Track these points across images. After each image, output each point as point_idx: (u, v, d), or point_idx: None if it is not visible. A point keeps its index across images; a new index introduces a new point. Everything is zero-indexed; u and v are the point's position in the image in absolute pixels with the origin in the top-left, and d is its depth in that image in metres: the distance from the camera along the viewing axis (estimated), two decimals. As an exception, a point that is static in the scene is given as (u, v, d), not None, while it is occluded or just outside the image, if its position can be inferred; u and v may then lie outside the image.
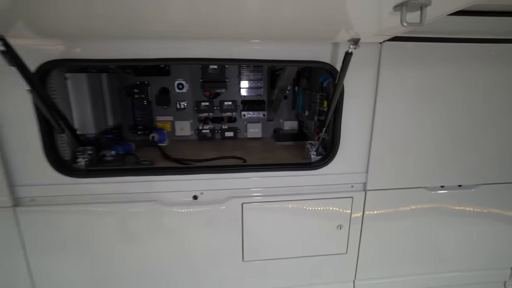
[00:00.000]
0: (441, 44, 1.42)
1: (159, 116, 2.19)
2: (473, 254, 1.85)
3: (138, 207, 1.48)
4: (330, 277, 1.78)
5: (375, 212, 1.67)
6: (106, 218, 1.48)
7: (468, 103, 1.55)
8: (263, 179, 1.55)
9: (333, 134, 1.54)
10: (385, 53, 1.42)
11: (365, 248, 1.73)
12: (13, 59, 1.07)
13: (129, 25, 1.09)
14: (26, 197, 1.42)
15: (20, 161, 1.37)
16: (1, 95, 1.27)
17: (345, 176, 1.59)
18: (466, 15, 1.28)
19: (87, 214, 1.46)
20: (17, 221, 1.42)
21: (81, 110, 1.60)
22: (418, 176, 1.64)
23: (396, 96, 1.49)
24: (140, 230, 1.52)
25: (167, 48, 1.31)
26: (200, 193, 1.52)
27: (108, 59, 1.30)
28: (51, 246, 1.48)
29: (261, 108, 2.24)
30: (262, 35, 1.29)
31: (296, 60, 1.41)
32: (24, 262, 1.47)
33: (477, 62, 1.49)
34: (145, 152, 1.89)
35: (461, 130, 1.59)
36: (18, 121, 1.31)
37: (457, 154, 1.63)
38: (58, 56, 1.26)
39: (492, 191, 1.73)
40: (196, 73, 2.10)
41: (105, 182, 1.45)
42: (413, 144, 1.58)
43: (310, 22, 1.09)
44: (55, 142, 1.42)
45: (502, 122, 1.61)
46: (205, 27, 1.13)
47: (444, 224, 1.75)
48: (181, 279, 1.63)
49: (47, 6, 0.90)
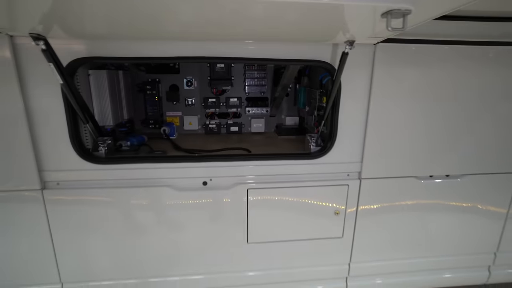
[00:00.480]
0: (429, 45, 1.58)
1: (169, 111, 2.34)
2: (459, 240, 2.00)
3: (153, 192, 1.63)
4: (327, 260, 1.93)
5: (369, 199, 1.82)
6: (123, 201, 1.63)
7: (455, 99, 1.70)
8: (267, 167, 1.70)
9: (331, 127, 1.69)
10: (378, 54, 1.57)
11: (359, 232, 1.87)
12: (51, 56, 1.22)
13: (146, 27, 1.23)
14: (53, 181, 1.57)
15: (48, 148, 1.52)
16: (35, 90, 1.42)
17: (342, 165, 1.75)
18: (450, 20, 1.44)
19: (107, 197, 1.61)
20: (44, 203, 1.57)
21: (101, 104, 1.75)
22: (408, 166, 1.79)
23: (389, 93, 1.64)
24: (154, 212, 1.67)
25: (179, 47, 1.46)
26: (209, 179, 1.67)
27: (127, 57, 1.45)
28: (73, 226, 1.63)
29: (264, 104, 2.39)
30: (267, 36, 1.43)
31: (298, 59, 1.56)
32: (50, 239, 1.62)
33: (464, 62, 1.64)
34: (156, 144, 2.04)
35: (449, 123, 1.74)
36: (48, 113, 1.46)
37: (445, 146, 1.78)
38: (85, 54, 1.41)
39: (478, 181, 1.88)
40: (204, 71, 2.25)
41: (123, 169, 1.60)
42: (404, 137, 1.73)
43: (311, 26, 1.24)
44: (80, 132, 1.57)
45: (488, 117, 1.76)
46: (213, 29, 1.26)
47: (432, 211, 1.90)
48: (190, 257, 1.78)
49: (76, 12, 1.04)
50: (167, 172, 1.63)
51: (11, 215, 1.57)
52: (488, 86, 1.70)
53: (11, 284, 1.69)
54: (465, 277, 2.11)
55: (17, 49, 1.36)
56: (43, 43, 1.17)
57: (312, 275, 1.94)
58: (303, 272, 1.92)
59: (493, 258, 2.08)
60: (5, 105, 1.39)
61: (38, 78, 1.41)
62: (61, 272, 1.70)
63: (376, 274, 2.02)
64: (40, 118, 1.47)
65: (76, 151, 1.52)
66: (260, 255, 1.84)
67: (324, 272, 1.95)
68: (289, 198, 1.74)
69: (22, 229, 1.59)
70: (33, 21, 1.10)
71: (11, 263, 1.65)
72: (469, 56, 1.63)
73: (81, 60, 1.40)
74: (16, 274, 1.68)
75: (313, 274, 1.94)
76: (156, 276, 1.79)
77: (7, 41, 1.32)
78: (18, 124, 1.43)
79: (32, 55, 1.37)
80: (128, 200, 1.63)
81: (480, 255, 2.06)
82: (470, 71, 1.66)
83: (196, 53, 1.48)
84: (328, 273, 1.96)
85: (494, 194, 1.93)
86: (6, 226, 1.58)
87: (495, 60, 1.65)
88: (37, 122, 1.47)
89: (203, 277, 1.83)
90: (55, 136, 1.50)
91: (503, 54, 1.64)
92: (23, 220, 1.58)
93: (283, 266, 1.88)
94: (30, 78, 1.40)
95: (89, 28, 1.25)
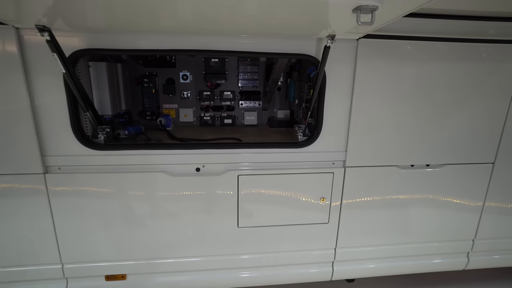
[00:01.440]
0: (406, 41, 1.69)
1: (165, 103, 2.44)
2: (438, 227, 2.11)
3: (148, 177, 1.74)
4: (314, 245, 2.03)
5: (354, 187, 1.93)
6: (121, 185, 1.73)
7: (434, 92, 1.80)
8: (257, 155, 1.80)
9: (316, 118, 1.80)
10: (361, 48, 1.68)
11: (344, 219, 1.98)
12: (55, 47, 1.32)
13: (144, 21, 1.33)
14: (54, 165, 1.67)
15: (50, 134, 1.62)
16: (39, 80, 1.52)
17: (327, 154, 1.85)
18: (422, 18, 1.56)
19: (105, 181, 1.71)
20: (46, 187, 1.67)
21: (100, 94, 1.86)
22: (390, 156, 1.90)
23: (371, 85, 1.75)
24: (150, 196, 1.77)
25: (174, 41, 1.56)
26: (202, 166, 1.77)
27: (125, 49, 1.55)
28: (73, 209, 1.73)
29: (257, 98, 2.50)
30: (257, 31, 1.54)
31: (286, 53, 1.66)
32: (51, 221, 1.72)
33: (439, 57, 1.75)
34: (153, 134, 2.14)
35: (429, 115, 1.85)
36: (51, 101, 1.56)
37: (425, 137, 1.89)
38: (86, 46, 1.51)
39: (456, 171, 1.99)
40: (199, 65, 2.36)
41: (121, 155, 1.70)
42: (387, 127, 1.84)
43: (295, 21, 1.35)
44: (80, 119, 1.67)
45: (465, 109, 1.87)
46: (207, 23, 1.37)
47: (413, 199, 2.01)
48: (183, 240, 1.88)
49: (78, 6, 1.14)
50: (162, 159, 1.74)
51: (14, 198, 1.66)
52: (464, 81, 1.81)
53: (13, 263, 1.79)
54: (445, 263, 2.23)
55: (23, 40, 1.46)
56: (47, 34, 1.27)
57: (299, 259, 2.05)
58: (291, 256, 2.03)
59: (471, 245, 2.20)
60: (11, 94, 1.49)
61: (42, 69, 1.51)
62: (62, 253, 1.80)
63: (360, 259, 2.13)
64: (43, 107, 1.57)
65: (76, 137, 1.62)
66: (250, 239, 1.94)
67: (311, 256, 2.05)
68: (277, 184, 1.85)
69: (25, 211, 1.69)
70: (39, 14, 1.20)
71: (14, 244, 1.75)
72: (444, 51, 1.74)
73: (82, 51, 1.51)
74: (18, 254, 1.78)
75: (301, 258, 2.05)
76: (151, 258, 1.89)
77: (13, 32, 1.42)
78: (23, 111, 1.53)
79: (36, 47, 1.47)
80: (125, 184, 1.73)
81: (459, 242, 2.18)
82: (447, 66, 1.77)
83: (190, 46, 1.58)
84: (315, 257, 2.06)
85: (471, 183, 2.04)
86: (9, 208, 1.68)
87: (467, 56, 1.76)
88: (41, 110, 1.57)
89: (195, 259, 1.93)
90: (57, 123, 1.60)
91: (471, 50, 1.75)
92: (26, 202, 1.68)
93: (272, 250, 1.99)
94: (34, 68, 1.50)
95: (89, 22, 1.35)
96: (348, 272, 2.13)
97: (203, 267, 1.96)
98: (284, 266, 2.06)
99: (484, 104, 1.88)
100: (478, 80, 1.82)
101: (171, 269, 1.93)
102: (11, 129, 1.55)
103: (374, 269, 2.16)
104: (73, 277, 1.87)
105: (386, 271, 2.19)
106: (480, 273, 2.67)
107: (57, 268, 1.82)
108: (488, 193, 2.06)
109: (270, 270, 2.05)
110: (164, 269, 1.92)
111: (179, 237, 1.87)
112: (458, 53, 1.75)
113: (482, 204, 2.09)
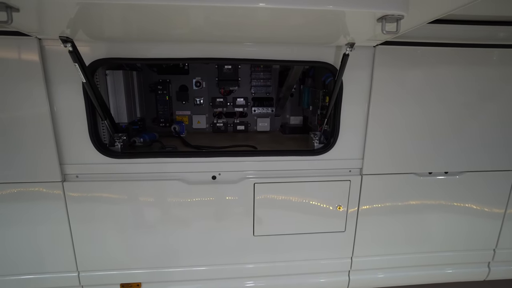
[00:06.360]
0: (426, 48, 1.66)
1: (178, 110, 2.45)
2: (458, 236, 2.05)
3: (165, 185, 1.73)
4: (330, 253, 2.00)
5: (371, 195, 1.89)
6: (137, 193, 1.73)
7: (454, 98, 1.77)
8: (273, 163, 1.79)
9: (333, 125, 1.78)
10: (378, 55, 1.66)
11: (361, 227, 1.95)
12: (77, 57, 1.34)
13: (157, 30, 1.33)
14: (72, 174, 1.68)
15: (69, 143, 1.63)
16: (59, 89, 1.54)
17: (344, 161, 1.83)
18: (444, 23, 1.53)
19: (122, 189, 1.71)
20: (64, 194, 1.68)
21: (117, 102, 1.87)
22: (408, 163, 1.87)
23: (388, 92, 1.72)
24: (165, 204, 1.76)
25: (189, 49, 1.56)
26: (218, 174, 1.76)
27: (142, 58, 1.56)
28: (90, 217, 1.73)
29: (270, 104, 2.49)
30: (273, 39, 1.54)
31: (302, 60, 1.65)
32: (68, 229, 1.73)
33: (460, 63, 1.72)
34: (167, 141, 2.15)
35: (448, 121, 1.81)
36: (70, 111, 1.58)
37: (444, 144, 1.85)
38: (104, 55, 1.53)
39: (476, 178, 1.94)
40: (212, 72, 2.36)
41: (138, 163, 1.70)
42: (404, 134, 1.81)
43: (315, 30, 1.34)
44: (98, 128, 1.68)
45: (486, 116, 1.83)
46: (222, 31, 1.35)
47: (432, 207, 1.97)
48: (199, 248, 1.87)
49: (97, 18, 1.15)
50: (179, 167, 1.73)
51: (33, 205, 1.68)
52: (487, 86, 1.77)
53: (30, 271, 1.80)
54: (466, 273, 2.16)
55: (44, 50, 1.48)
56: (70, 45, 1.29)
57: (315, 268, 2.01)
58: (306, 265, 1.99)
59: (492, 254, 2.13)
60: (33, 103, 1.51)
61: (62, 79, 1.53)
62: (78, 260, 1.80)
63: (378, 268, 2.08)
64: (62, 115, 1.58)
65: (94, 145, 1.63)
66: (266, 248, 1.92)
67: (327, 265, 2.02)
68: (293, 192, 1.83)
69: (43, 219, 1.70)
70: (63, 26, 1.22)
71: (32, 252, 1.76)
72: (465, 57, 1.71)
73: (102, 60, 1.52)
74: (36, 262, 1.78)
75: (316, 268, 2.01)
76: (166, 267, 1.88)
77: (36, 43, 1.44)
78: (42, 120, 1.54)
79: (57, 57, 1.49)
80: (141, 192, 1.73)
81: (480, 251, 2.11)
82: (468, 72, 1.74)
83: (205, 54, 1.58)
84: (331, 266, 2.02)
85: (492, 190, 1.99)
86: (28, 215, 1.69)
87: (494, 61, 1.72)
88: (60, 119, 1.59)
89: (210, 268, 1.92)
90: (75, 131, 1.61)
91: (500, 56, 1.72)
92: (44, 210, 1.69)
93: (287, 258, 1.96)
94: (55, 78, 1.52)
95: (108, 32, 1.37)
96: (365, 282, 2.09)
97: (218, 275, 1.94)
98: (299, 275, 2.02)
99: (504, 109, 1.83)
100: (498, 85, 1.78)
101: (186, 277, 1.91)
102: (31, 138, 1.56)
103: (391, 278, 2.11)
104: (89, 285, 1.86)
105: (404, 281, 2.13)
106: (501, 284, 2.58)
107: (73, 276, 1.82)
108: (510, 200, 2.01)
109: (285, 279, 2.01)
110: (179, 278, 1.91)
111: (194, 245, 1.86)
112: (474, 58, 1.72)
113: (503, 212, 2.03)
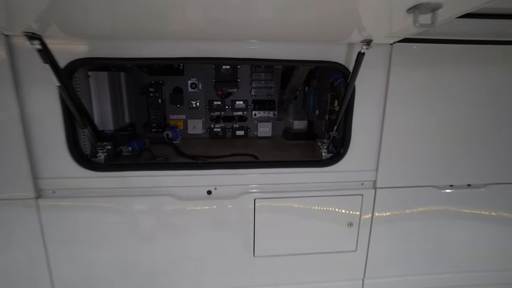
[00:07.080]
0: (448, 45, 1.47)
1: (172, 114, 2.26)
2: (482, 255, 1.85)
3: (154, 201, 1.53)
4: (340, 275, 1.80)
5: (385, 210, 1.69)
6: (122, 211, 1.53)
7: (475, 103, 1.58)
8: (276, 176, 1.59)
9: (344, 132, 1.58)
10: (395, 54, 1.46)
11: (374, 246, 1.75)
12: (47, 57, 1.14)
13: (148, 26, 1.15)
14: (48, 189, 1.48)
15: (43, 155, 1.43)
16: (31, 93, 1.34)
17: (356, 173, 1.63)
18: (473, 18, 1.33)
19: (105, 206, 1.51)
20: (39, 213, 1.48)
21: (101, 107, 1.67)
22: (427, 175, 1.67)
23: (405, 95, 1.53)
24: (155, 223, 1.57)
25: (183, 48, 1.37)
26: (214, 188, 1.56)
27: (129, 58, 1.37)
28: (69, 237, 1.53)
29: (271, 107, 2.30)
30: (276, 36, 1.34)
31: (309, 60, 1.46)
32: (43, 251, 1.53)
33: (485, 64, 1.52)
34: (159, 149, 1.95)
35: (470, 129, 1.62)
36: (44, 117, 1.38)
37: (466, 154, 1.66)
38: (84, 55, 1.33)
39: (503, 191, 1.75)
40: (209, 73, 2.17)
41: (123, 176, 1.50)
42: (423, 143, 1.61)
43: (324, 24, 1.14)
44: (77, 137, 1.49)
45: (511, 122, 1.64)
46: (219, 27, 1.18)
47: (453, 223, 1.77)
48: (193, 272, 1.67)
49: (77, 10, 0.96)
50: (169, 180, 1.53)
51: (3, 224, 1.48)
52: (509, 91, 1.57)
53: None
54: (489, 295, 1.97)
55: (13, 49, 1.28)
56: (38, 42, 1.10)
57: (322, 291, 1.82)
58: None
59: (519, 275, 1.94)
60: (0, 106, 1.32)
61: (35, 81, 1.33)
62: (55, 283, 1.60)
63: (392, 291, 1.88)
64: (35, 123, 1.38)
65: (73, 157, 1.44)
66: (268, 270, 1.72)
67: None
68: (299, 208, 1.63)
69: (15, 240, 1.50)
70: (28, 19, 1.03)
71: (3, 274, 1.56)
72: (493, 57, 1.51)
73: (80, 61, 1.32)
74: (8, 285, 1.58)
75: (324, 290, 1.82)
76: (156, 290, 1.68)
77: (2, 40, 1.24)
78: (12, 128, 1.34)
79: (29, 56, 1.28)
80: (127, 210, 1.53)
81: (508, 271, 1.91)
82: (495, 73, 1.54)
83: (201, 53, 1.39)
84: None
85: (520, 205, 1.79)
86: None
87: None
88: (33, 127, 1.39)
89: (206, 291, 1.72)
90: (51, 141, 1.41)
91: None
92: (17, 230, 1.49)
93: (292, 281, 1.76)
94: (26, 80, 1.33)
95: (89, 27, 1.18)
96: (377, 306, 1.89)
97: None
98: (305, 298, 1.83)
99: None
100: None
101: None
102: None
103: (407, 301, 1.91)
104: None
105: (421, 304, 1.94)
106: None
107: (50, 301, 1.62)
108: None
109: (289, 303, 1.81)
110: (171, 303, 1.71)
111: (187, 268, 1.66)
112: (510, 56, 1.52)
113: (533, 228, 1.83)
